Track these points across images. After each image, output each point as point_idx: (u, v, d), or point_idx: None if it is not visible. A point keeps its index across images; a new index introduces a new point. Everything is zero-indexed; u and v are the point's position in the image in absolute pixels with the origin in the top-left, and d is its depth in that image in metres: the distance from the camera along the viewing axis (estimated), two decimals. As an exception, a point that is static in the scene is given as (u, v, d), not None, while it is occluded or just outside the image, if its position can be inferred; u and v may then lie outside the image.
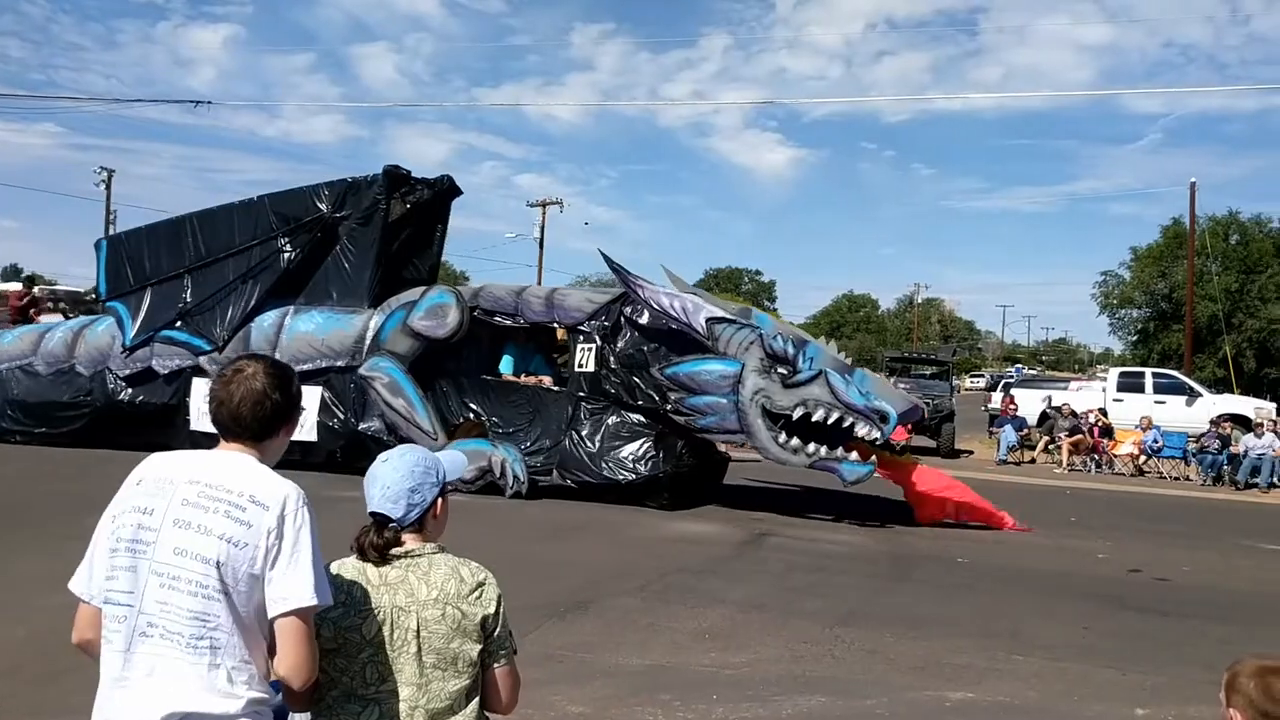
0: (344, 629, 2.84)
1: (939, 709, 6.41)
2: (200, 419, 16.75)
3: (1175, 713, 6.24)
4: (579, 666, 6.96)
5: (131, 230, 18.54)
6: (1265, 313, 43.10)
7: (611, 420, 15.15)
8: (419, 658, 2.87)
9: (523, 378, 16.14)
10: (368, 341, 16.26)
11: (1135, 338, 53.39)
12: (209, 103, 38.28)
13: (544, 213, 53.74)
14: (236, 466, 2.79)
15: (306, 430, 16.33)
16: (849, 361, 14.64)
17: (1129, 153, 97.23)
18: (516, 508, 14.12)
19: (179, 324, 17.54)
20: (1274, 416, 27.12)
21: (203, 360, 17.21)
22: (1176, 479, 23.59)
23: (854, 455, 14.05)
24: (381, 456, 3.09)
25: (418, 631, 2.88)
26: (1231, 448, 23.04)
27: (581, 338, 15.47)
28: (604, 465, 14.85)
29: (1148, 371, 30.67)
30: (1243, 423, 25.20)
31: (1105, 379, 32.28)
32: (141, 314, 17.79)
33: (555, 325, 15.98)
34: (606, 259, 15.37)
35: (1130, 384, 29.18)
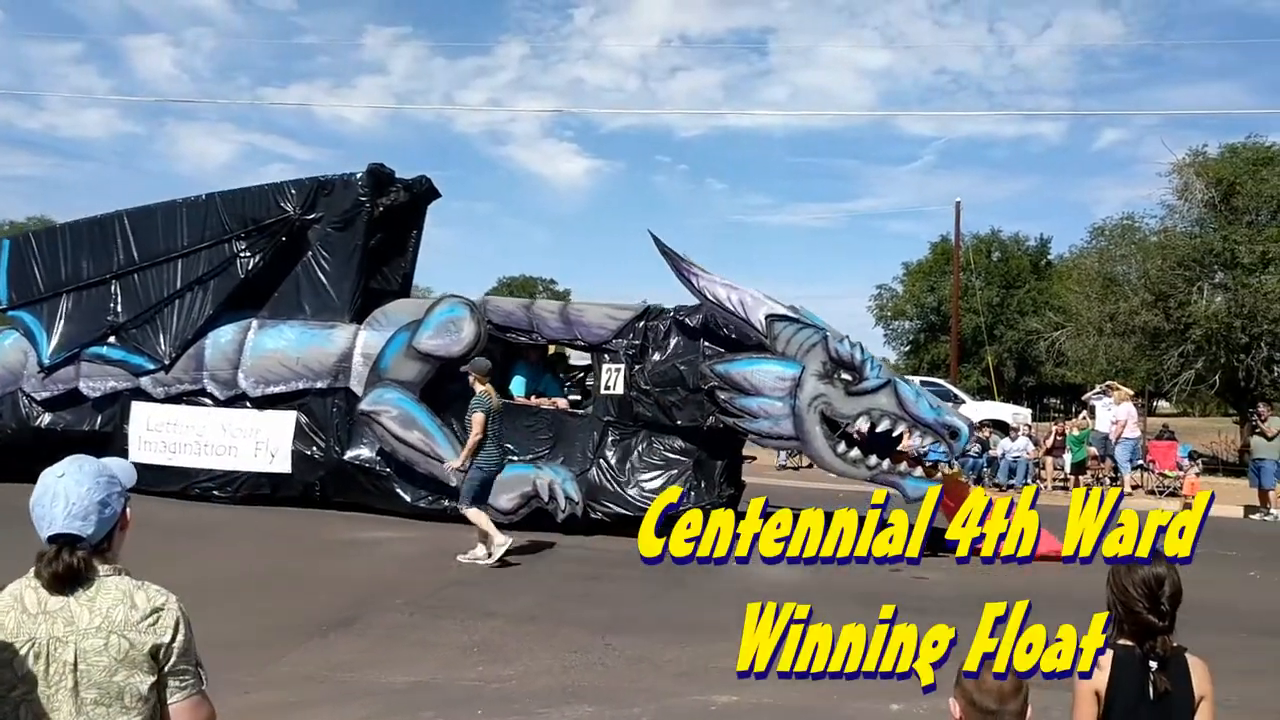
0: None
1: (704, 713, 6.11)
2: (142, 448, 13.28)
3: (926, 705, 5.96)
4: (339, 687, 6.28)
5: (43, 230, 14.66)
6: (1023, 325, 43.42)
7: (643, 447, 12.57)
8: (76, 694, 2.39)
9: (533, 399, 13.30)
10: (354, 360, 13.10)
11: (908, 348, 53.09)
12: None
13: None
14: None
15: (279, 460, 13.07)
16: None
17: (905, 173, 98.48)
18: (308, 521, 12.30)
19: (111, 339, 13.87)
20: (1029, 421, 26.83)
21: (144, 381, 13.69)
22: (941, 481, 22.48)
23: (918, 470, 12.10)
24: (53, 471, 2.51)
25: (74, 664, 2.39)
26: (990, 451, 22.20)
27: (608, 358, 12.79)
28: (638, 496, 12.23)
29: (917, 379, 29.98)
30: (1002, 428, 24.59)
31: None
32: (59, 327, 14.05)
33: (577, 343, 13.21)
34: (657, 242, 12.82)
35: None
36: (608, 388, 12.69)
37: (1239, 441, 29.47)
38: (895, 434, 11.71)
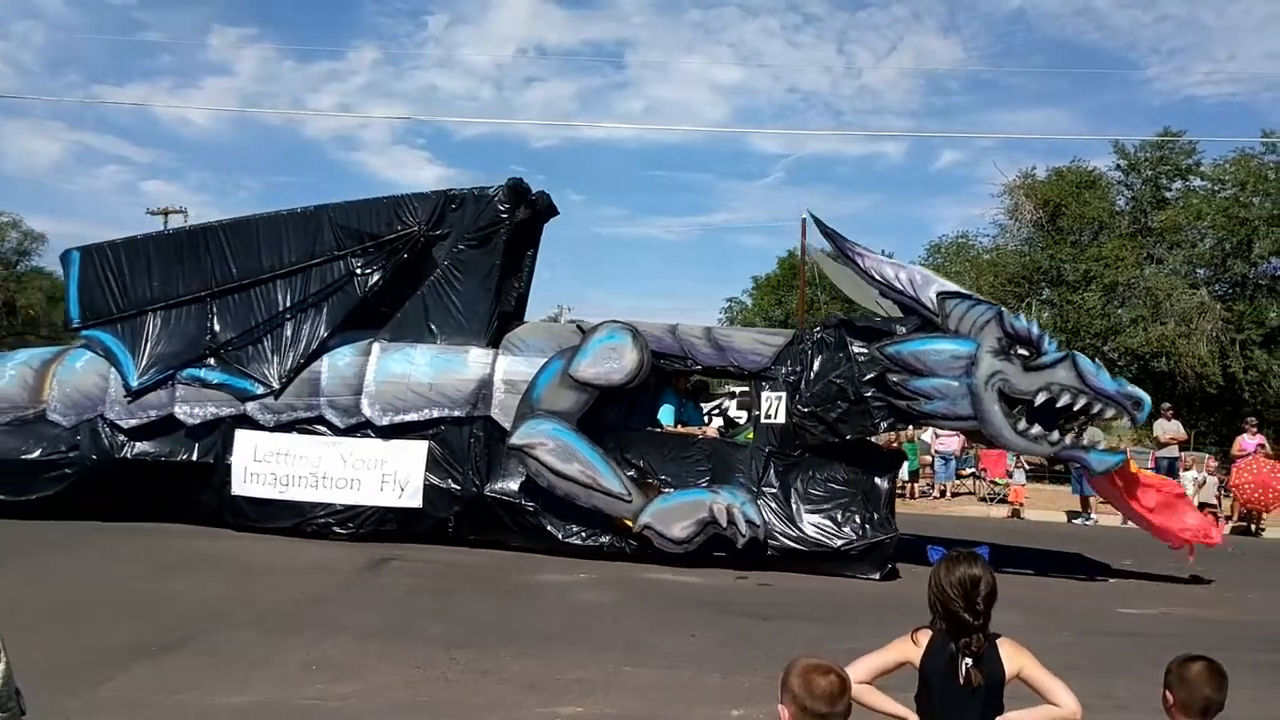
0: None
1: (554, 725, 5.32)
2: (249, 480, 10.46)
3: (768, 710, 5.12)
4: (170, 710, 5.21)
5: (121, 240, 11.46)
6: (862, 337, 42.94)
7: (807, 477, 10.45)
8: None
9: (679, 428, 11.10)
10: (495, 386, 10.59)
11: (756, 356, 51.60)
12: None
13: (165, 221, 42.87)
14: None
15: (409, 495, 10.46)
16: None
17: (756, 188, 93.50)
18: (138, 538, 10.20)
19: (210, 361, 10.90)
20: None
21: (250, 407, 10.73)
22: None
23: (1102, 443, 10.76)
24: None
25: None
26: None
27: (767, 385, 10.65)
28: (808, 528, 10.18)
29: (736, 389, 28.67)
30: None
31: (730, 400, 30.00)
32: (146, 348, 10.95)
33: (730, 370, 11.04)
34: (819, 223, 10.88)
35: (750, 404, 26.80)
36: (769, 416, 10.55)
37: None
38: (1077, 408, 9.92)
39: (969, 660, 3.01)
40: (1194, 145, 28.26)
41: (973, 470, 20.71)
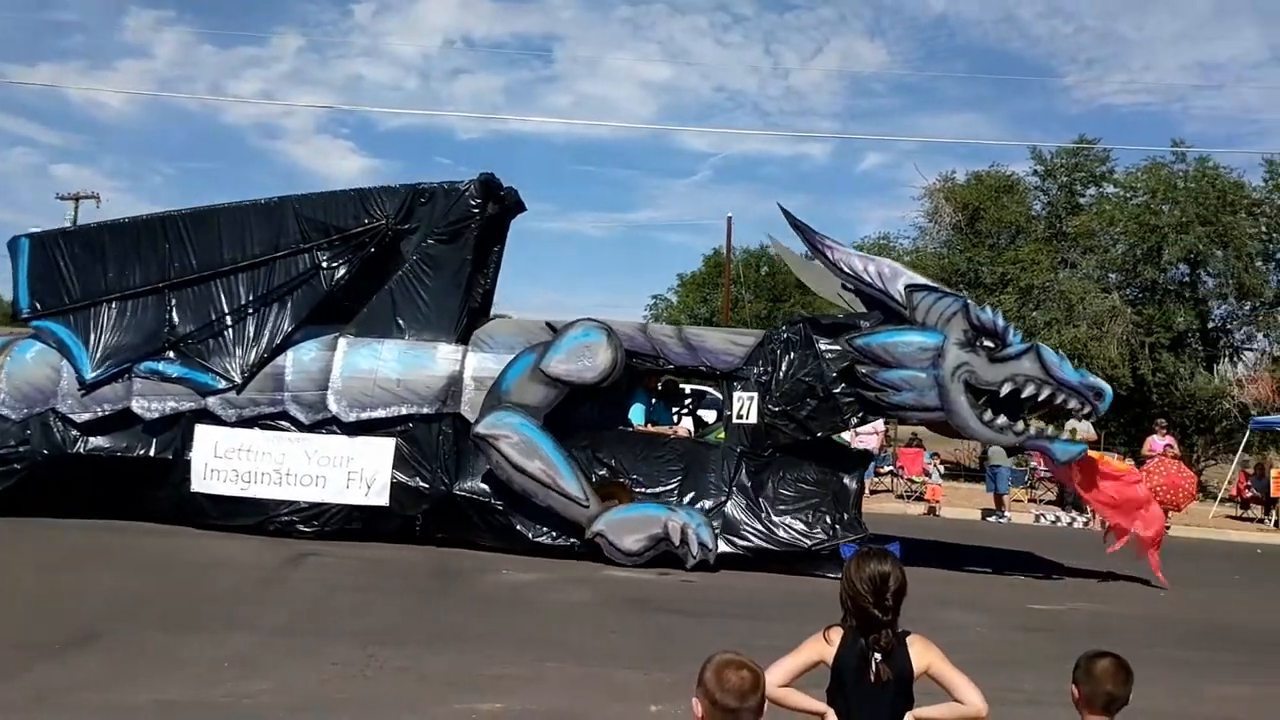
0: None
1: (467, 722, 5.21)
2: (210, 477, 10.08)
3: (685, 707, 5.22)
4: (74, 710, 4.94)
5: (76, 229, 11.03)
6: (786, 335, 42.81)
7: (777, 478, 10.40)
8: None
9: (649, 427, 10.97)
10: (465, 383, 10.35)
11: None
12: None
13: (77, 207, 40.99)
14: None
15: (375, 493, 10.17)
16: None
17: (683, 186, 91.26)
18: (48, 533, 9.67)
19: (170, 354, 10.45)
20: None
21: (211, 402, 10.29)
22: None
23: (1065, 434, 10.73)
24: None
25: None
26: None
27: (738, 385, 10.58)
28: (780, 529, 10.14)
29: (687, 388, 28.57)
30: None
31: None
32: (102, 340, 10.45)
33: (702, 370, 10.91)
34: (788, 216, 10.89)
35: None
36: (740, 416, 10.47)
37: (978, 450, 29.82)
38: (1041, 398, 9.96)
39: (878, 656, 3.02)
40: (1108, 153, 28.85)
41: (891, 468, 20.75)
